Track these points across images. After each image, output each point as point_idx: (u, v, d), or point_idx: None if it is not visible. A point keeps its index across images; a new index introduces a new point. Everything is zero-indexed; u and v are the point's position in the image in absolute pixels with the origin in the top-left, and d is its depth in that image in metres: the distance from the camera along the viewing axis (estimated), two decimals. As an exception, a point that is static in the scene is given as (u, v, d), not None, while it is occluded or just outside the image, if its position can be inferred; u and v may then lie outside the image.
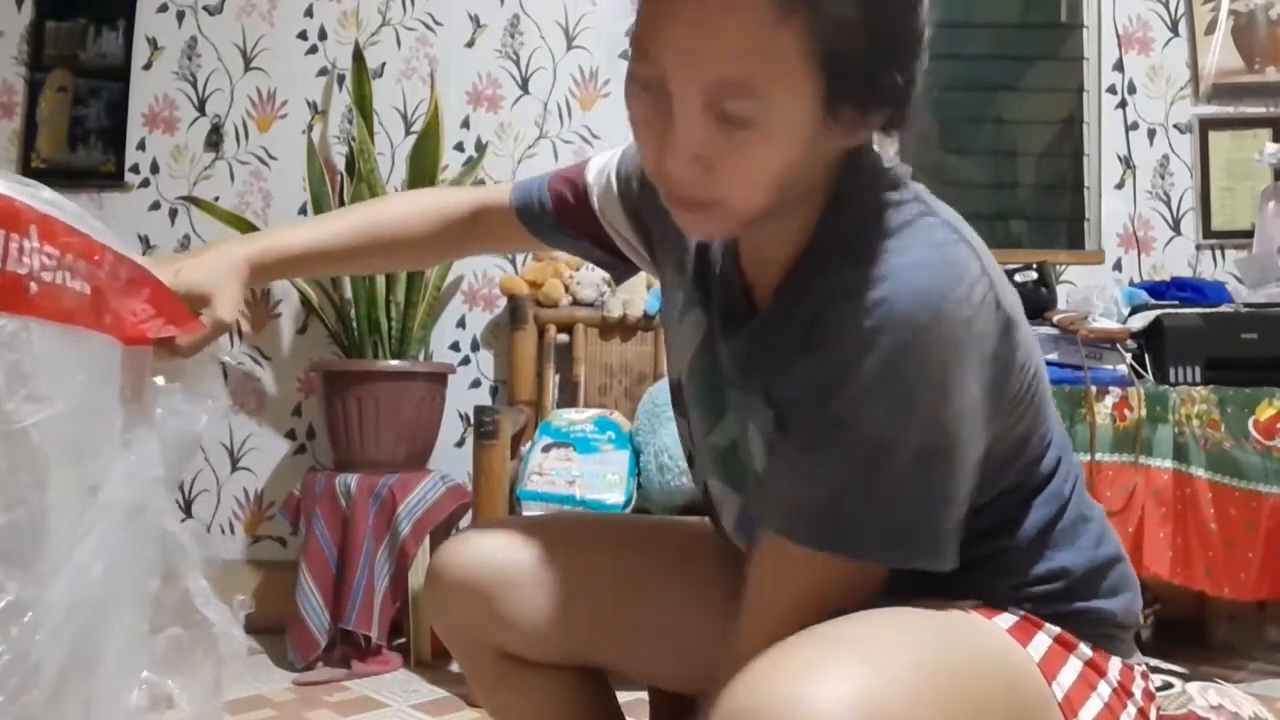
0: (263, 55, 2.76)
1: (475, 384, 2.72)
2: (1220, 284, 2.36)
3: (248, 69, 2.76)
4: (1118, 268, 2.76)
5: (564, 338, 2.58)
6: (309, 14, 2.76)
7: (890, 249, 0.71)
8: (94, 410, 0.72)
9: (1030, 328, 0.78)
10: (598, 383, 2.58)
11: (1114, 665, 0.79)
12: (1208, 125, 2.76)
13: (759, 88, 0.65)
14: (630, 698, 1.07)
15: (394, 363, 2.45)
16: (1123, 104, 2.79)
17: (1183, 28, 2.80)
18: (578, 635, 0.96)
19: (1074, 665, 0.76)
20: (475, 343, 2.73)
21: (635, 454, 2.14)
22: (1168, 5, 2.81)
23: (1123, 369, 2.10)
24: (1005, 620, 0.76)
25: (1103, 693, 0.76)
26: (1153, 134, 2.79)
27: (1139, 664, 0.83)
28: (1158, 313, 2.16)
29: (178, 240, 2.73)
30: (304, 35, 2.76)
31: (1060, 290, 2.38)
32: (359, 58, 2.59)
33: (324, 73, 2.76)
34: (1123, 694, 0.77)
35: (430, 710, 1.98)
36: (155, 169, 2.74)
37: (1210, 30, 2.78)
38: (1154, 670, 0.87)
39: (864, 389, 0.68)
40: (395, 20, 2.77)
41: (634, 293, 2.53)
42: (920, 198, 0.75)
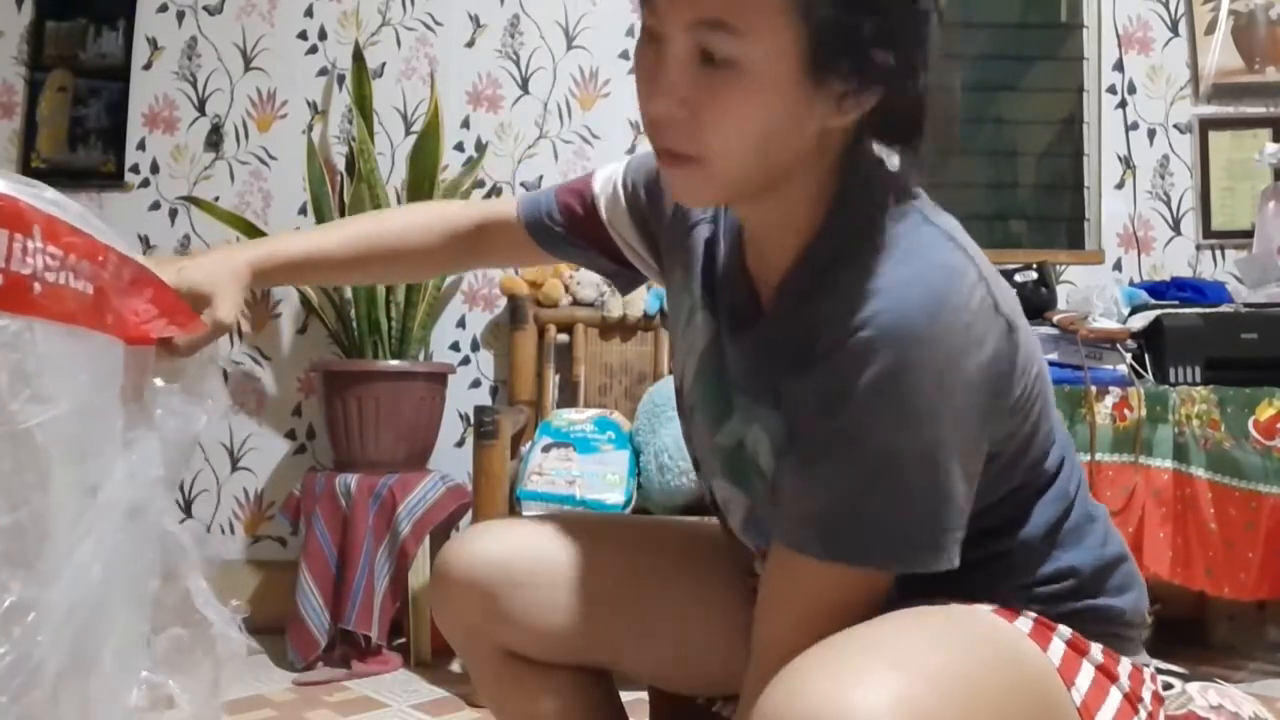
0: (263, 55, 2.76)
1: (475, 384, 2.72)
2: (1220, 284, 2.36)
3: (248, 69, 2.76)
4: (1118, 268, 2.76)
5: (564, 338, 2.58)
6: (309, 14, 2.76)
7: (888, 259, 0.71)
8: (96, 410, 0.73)
9: (1031, 329, 0.78)
10: (598, 383, 2.58)
11: (1124, 669, 0.79)
12: (1208, 125, 2.76)
13: (739, 25, 0.67)
14: (631, 698, 1.07)
15: (394, 363, 2.45)
16: (1123, 104, 2.79)
17: (1183, 28, 2.80)
18: (582, 634, 0.96)
19: (1088, 671, 0.76)
20: (475, 343, 2.73)
21: (635, 454, 2.14)
22: (1168, 5, 2.81)
23: (1123, 369, 2.10)
24: (1024, 624, 0.77)
25: (1115, 698, 0.76)
26: (1153, 134, 2.79)
27: (1147, 665, 0.84)
28: (1158, 313, 2.16)
29: (178, 240, 2.73)
30: (304, 35, 2.76)
31: (1060, 290, 2.38)
32: (359, 58, 2.59)
33: (324, 73, 2.76)
34: (1134, 700, 0.78)
35: (430, 710, 1.98)
36: (155, 169, 2.74)
37: (1210, 30, 2.78)
38: (1155, 671, 0.87)
39: (866, 401, 0.69)
40: (395, 20, 2.77)
41: (634, 293, 2.53)
42: (920, 207, 0.76)
